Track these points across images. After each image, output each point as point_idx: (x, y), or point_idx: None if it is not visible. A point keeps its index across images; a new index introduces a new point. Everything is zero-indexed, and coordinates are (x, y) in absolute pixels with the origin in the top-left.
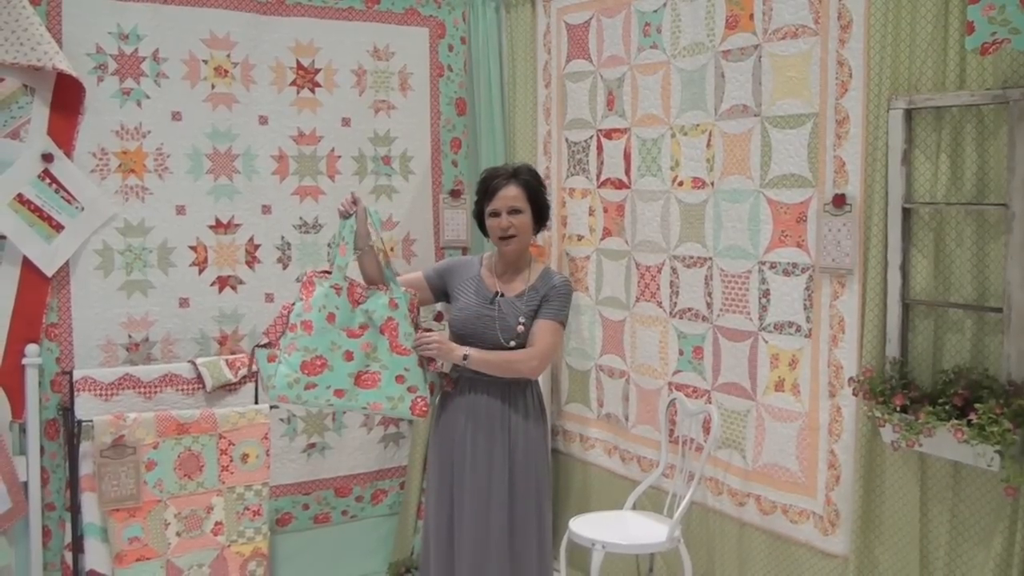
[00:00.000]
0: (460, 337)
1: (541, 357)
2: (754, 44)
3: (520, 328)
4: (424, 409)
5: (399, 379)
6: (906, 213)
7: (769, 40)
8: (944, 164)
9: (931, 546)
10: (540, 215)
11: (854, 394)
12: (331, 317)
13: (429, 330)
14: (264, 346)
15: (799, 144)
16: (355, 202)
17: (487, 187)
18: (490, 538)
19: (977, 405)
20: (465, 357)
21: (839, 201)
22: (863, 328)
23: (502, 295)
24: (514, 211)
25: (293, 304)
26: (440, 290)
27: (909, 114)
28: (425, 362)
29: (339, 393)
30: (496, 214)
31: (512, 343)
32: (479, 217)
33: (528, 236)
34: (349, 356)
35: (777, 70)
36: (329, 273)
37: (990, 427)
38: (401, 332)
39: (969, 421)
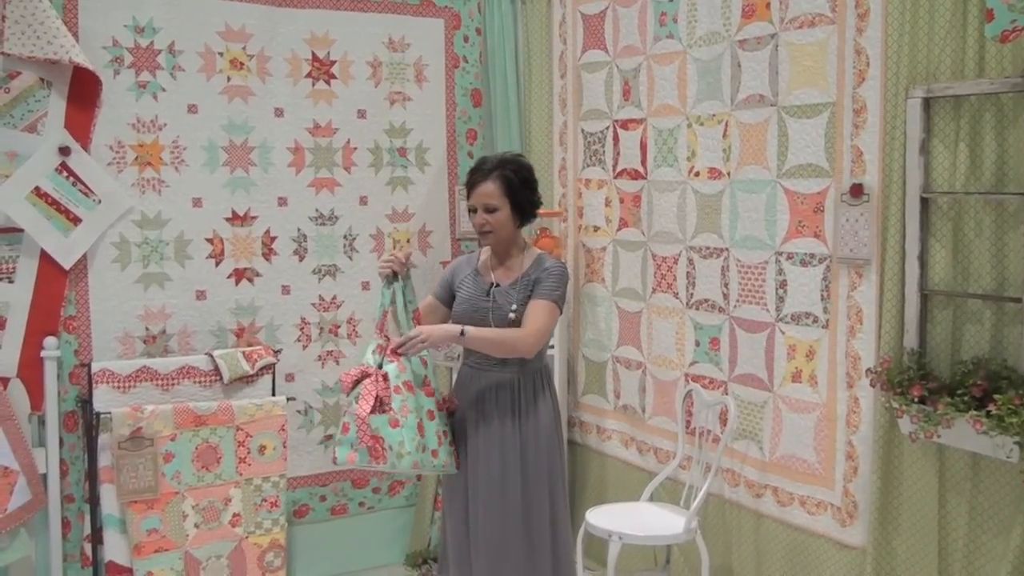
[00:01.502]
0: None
1: (536, 335)
2: (771, 33)
3: (512, 315)
4: (458, 462)
5: (444, 434)
6: (924, 203)
7: (786, 29)
8: (963, 153)
9: (949, 538)
10: (522, 209)
11: (872, 385)
12: (410, 378)
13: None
14: (380, 411)
15: (816, 134)
16: (403, 263)
17: (468, 182)
18: (505, 526)
19: (996, 396)
20: (462, 333)
21: (856, 191)
22: (881, 319)
23: (497, 285)
24: (488, 209)
25: (378, 368)
26: (451, 301)
27: (927, 103)
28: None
29: (435, 454)
30: (474, 210)
31: None
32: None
33: (506, 231)
34: (432, 415)
35: (794, 59)
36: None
37: (1009, 418)
38: (435, 390)
39: (988, 412)
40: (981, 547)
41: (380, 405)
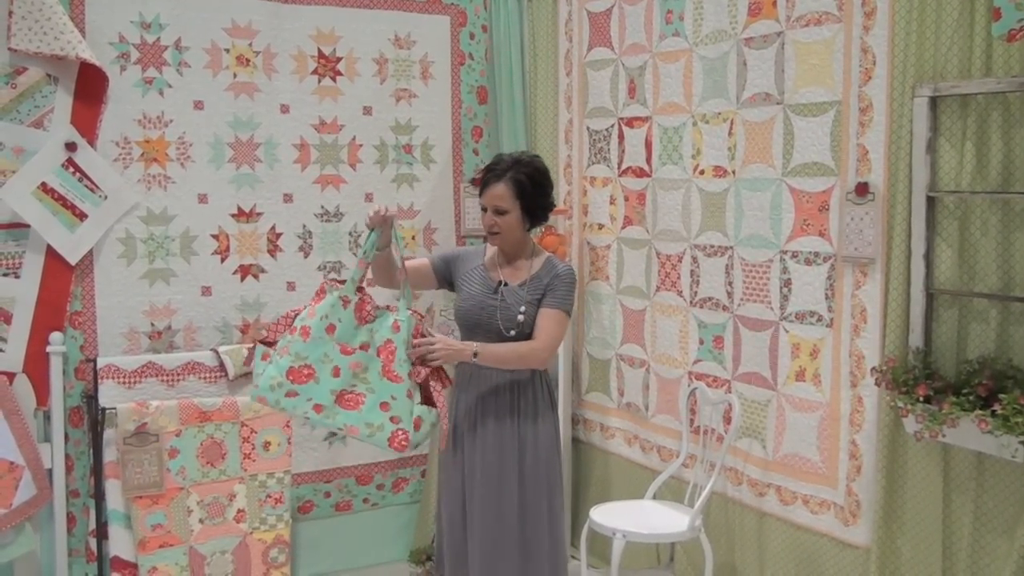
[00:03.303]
0: (463, 327)
1: (549, 347)
2: (777, 31)
3: (520, 317)
4: (403, 443)
5: (383, 406)
6: (930, 202)
7: (792, 27)
8: (969, 152)
9: (954, 537)
10: (533, 212)
11: (876, 384)
12: (331, 328)
13: (429, 334)
14: (264, 342)
15: (822, 132)
16: (385, 218)
17: (483, 180)
18: (502, 527)
19: (1001, 395)
20: (475, 354)
21: (862, 190)
22: (886, 318)
23: (506, 284)
24: (497, 211)
25: (303, 308)
26: (445, 278)
27: (934, 101)
28: (416, 392)
29: (318, 408)
30: (485, 209)
31: (512, 332)
32: None
33: (514, 233)
34: (336, 372)
35: (800, 57)
36: (343, 283)
37: (1014, 417)
38: (397, 357)
39: (993, 411)
40: (985, 547)
41: (267, 339)
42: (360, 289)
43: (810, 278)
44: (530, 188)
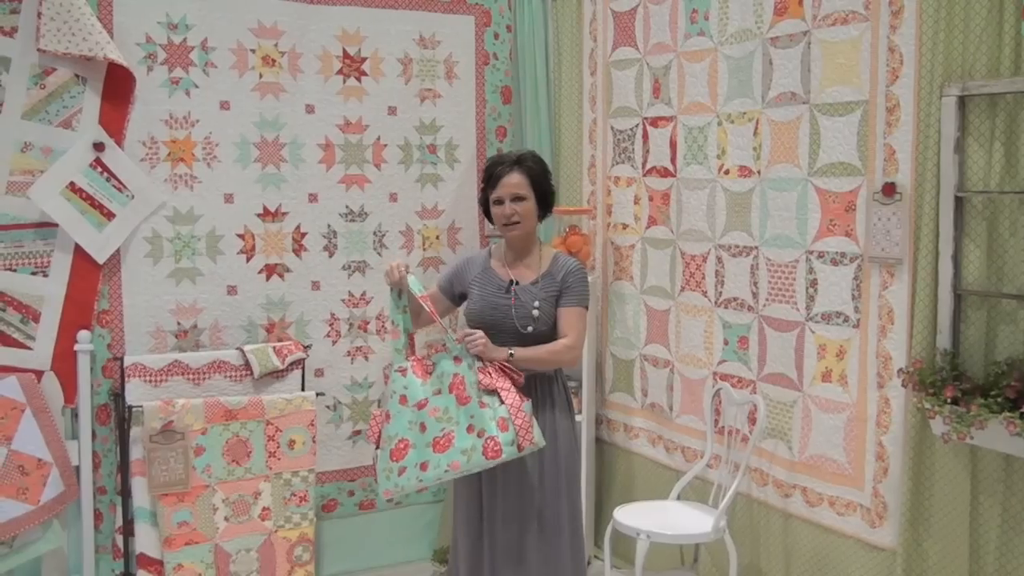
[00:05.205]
0: (477, 329)
1: (581, 345)
2: (803, 30)
3: (536, 312)
4: (497, 450)
5: (469, 429)
6: (958, 202)
7: (819, 26)
8: (998, 152)
9: (981, 540)
10: (544, 201)
11: (903, 385)
12: (403, 399)
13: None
14: (376, 446)
15: (848, 132)
16: (401, 278)
17: (491, 174)
18: (523, 528)
19: None
20: (511, 355)
21: (889, 190)
22: (913, 319)
23: (517, 283)
24: (517, 198)
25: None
26: (456, 295)
27: (962, 101)
28: (491, 400)
29: (424, 467)
30: (500, 201)
31: (529, 328)
32: (485, 204)
33: (532, 222)
34: (423, 428)
35: (826, 56)
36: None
37: None
38: (467, 383)
39: (1022, 413)
40: (1013, 549)
41: (375, 446)
42: (411, 354)
43: (836, 278)
44: (540, 174)
